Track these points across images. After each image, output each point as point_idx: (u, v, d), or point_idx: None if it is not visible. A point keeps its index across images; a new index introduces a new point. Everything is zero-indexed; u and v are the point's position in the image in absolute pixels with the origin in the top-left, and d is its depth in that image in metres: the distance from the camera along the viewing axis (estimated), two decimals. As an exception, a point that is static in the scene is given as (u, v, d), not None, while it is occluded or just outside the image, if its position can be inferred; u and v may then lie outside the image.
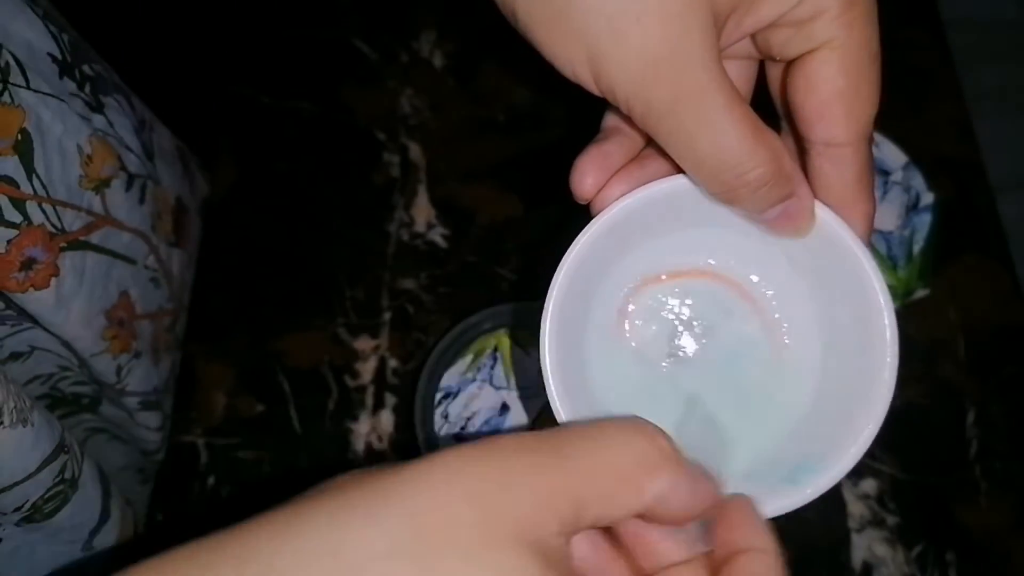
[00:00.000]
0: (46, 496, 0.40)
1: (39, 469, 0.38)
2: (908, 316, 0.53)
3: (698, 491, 0.21)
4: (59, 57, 0.41)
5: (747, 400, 0.30)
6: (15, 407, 0.36)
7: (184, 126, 0.62)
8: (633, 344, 0.31)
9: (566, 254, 0.28)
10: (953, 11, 0.67)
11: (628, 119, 0.25)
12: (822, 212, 0.27)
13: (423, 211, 0.56)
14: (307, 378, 0.52)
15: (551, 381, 0.27)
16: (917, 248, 0.51)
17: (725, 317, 0.31)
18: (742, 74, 0.28)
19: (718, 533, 0.23)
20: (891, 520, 0.49)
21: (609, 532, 0.22)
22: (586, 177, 0.27)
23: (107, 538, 0.46)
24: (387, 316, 0.53)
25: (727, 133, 0.24)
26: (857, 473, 0.50)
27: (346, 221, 0.56)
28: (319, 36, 0.61)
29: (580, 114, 0.30)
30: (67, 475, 0.41)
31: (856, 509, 0.49)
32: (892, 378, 0.28)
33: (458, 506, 0.18)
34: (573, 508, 0.19)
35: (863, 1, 0.24)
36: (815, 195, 0.27)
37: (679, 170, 0.27)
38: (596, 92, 0.25)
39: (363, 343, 0.53)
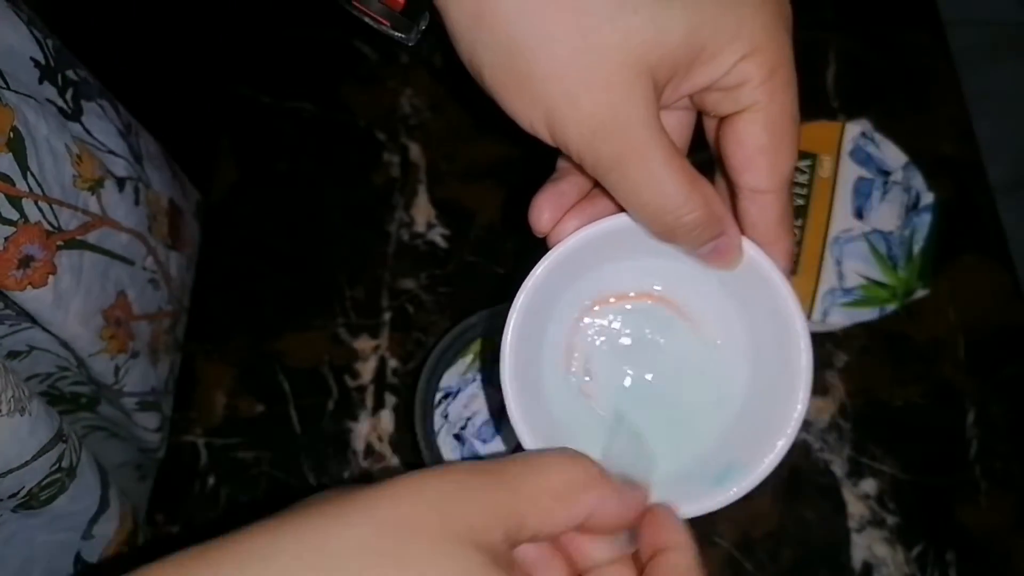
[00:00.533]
0: (42, 483, 0.40)
1: (35, 457, 0.38)
2: (908, 316, 0.53)
3: (624, 504, 0.25)
4: (42, 62, 0.41)
5: (682, 410, 0.33)
6: (13, 396, 0.36)
7: (184, 126, 0.62)
8: (584, 363, 0.34)
9: (525, 281, 0.31)
10: (953, 11, 0.67)
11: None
12: (749, 247, 0.31)
13: (423, 211, 0.56)
14: (307, 378, 0.52)
15: (514, 409, 0.31)
16: (917, 248, 0.51)
17: (666, 335, 0.34)
18: (681, 122, 0.31)
19: (643, 535, 0.26)
20: (891, 520, 0.49)
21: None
22: (543, 213, 0.31)
23: (106, 527, 0.46)
24: (387, 316, 0.53)
25: (665, 183, 0.27)
26: (857, 473, 0.50)
27: (346, 221, 0.56)
28: (319, 36, 0.61)
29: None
30: (64, 464, 0.41)
31: (856, 509, 0.49)
32: (806, 396, 0.30)
33: (421, 512, 0.21)
34: (516, 522, 0.22)
35: (783, 71, 0.28)
36: (743, 232, 0.30)
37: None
38: (552, 144, 0.28)
39: (363, 343, 0.53)
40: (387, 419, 0.51)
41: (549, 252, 0.31)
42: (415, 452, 0.49)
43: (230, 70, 0.61)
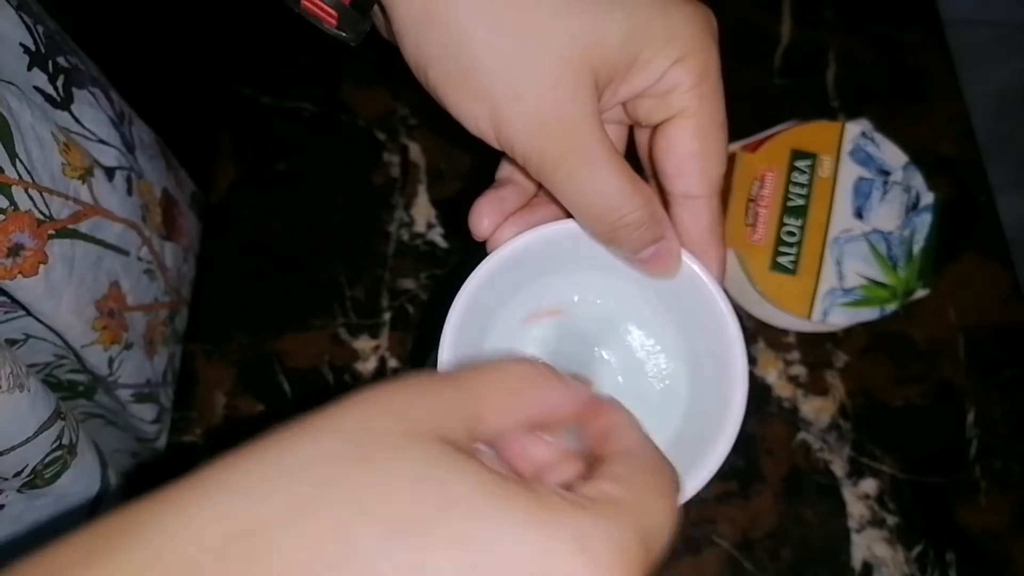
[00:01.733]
0: (46, 461, 0.40)
1: (37, 433, 0.38)
2: (908, 316, 0.53)
3: (573, 393, 0.24)
4: (32, 48, 0.41)
5: None
6: (11, 372, 0.36)
7: (184, 126, 0.62)
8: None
9: (464, 284, 0.31)
10: (953, 11, 0.67)
11: (522, 170, 0.29)
12: (684, 257, 0.31)
13: (423, 211, 0.56)
14: (307, 378, 0.52)
15: None
16: (917, 248, 0.51)
17: (605, 348, 0.35)
18: (615, 137, 0.32)
19: (589, 425, 0.25)
20: (891, 520, 0.49)
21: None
22: (483, 219, 0.32)
23: (111, 507, 0.46)
24: (387, 316, 0.53)
25: (609, 181, 0.28)
26: (857, 473, 0.50)
27: (346, 221, 0.56)
28: (319, 36, 0.61)
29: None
30: (65, 441, 0.41)
31: (856, 509, 0.49)
32: (742, 401, 0.30)
33: (382, 416, 0.21)
34: (473, 418, 0.22)
35: (712, 78, 0.29)
36: None
37: (565, 215, 0.31)
38: (496, 146, 0.29)
39: (363, 343, 0.53)
40: (387, 419, 0.51)
41: (491, 255, 0.32)
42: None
43: (230, 70, 0.61)
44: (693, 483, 0.29)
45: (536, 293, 0.34)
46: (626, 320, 0.35)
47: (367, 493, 0.18)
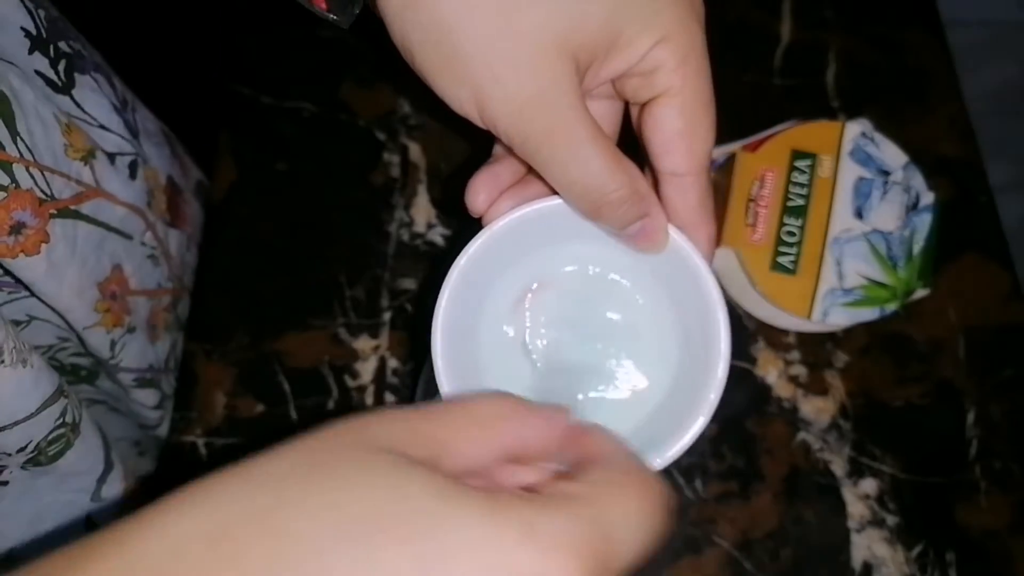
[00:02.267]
0: (49, 438, 0.40)
1: (40, 410, 0.38)
2: (908, 316, 0.53)
3: (548, 422, 0.24)
4: (33, 32, 0.40)
5: (615, 390, 0.35)
6: (14, 347, 0.36)
7: (184, 126, 0.62)
8: (520, 341, 0.36)
9: (459, 256, 0.32)
10: (953, 11, 0.67)
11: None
12: (673, 232, 0.32)
13: (423, 211, 0.56)
14: (307, 378, 0.52)
15: (443, 380, 0.32)
16: (917, 248, 0.51)
17: (601, 318, 0.36)
18: (609, 112, 0.33)
19: (568, 450, 0.25)
20: (891, 520, 0.49)
21: None
22: (479, 194, 0.33)
23: (113, 488, 0.46)
24: (387, 316, 0.53)
25: (591, 160, 0.28)
26: (857, 473, 0.50)
27: (346, 221, 0.56)
28: (319, 36, 0.61)
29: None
30: (68, 419, 0.41)
31: (856, 509, 0.49)
32: (724, 373, 0.31)
33: (342, 437, 0.21)
34: (438, 444, 0.22)
35: (696, 57, 0.29)
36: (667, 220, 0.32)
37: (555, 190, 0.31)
38: (481, 125, 0.30)
39: (363, 343, 0.53)
40: (387, 419, 0.51)
41: (485, 228, 0.33)
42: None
43: (230, 70, 0.61)
44: (674, 450, 0.31)
45: (531, 265, 0.35)
46: (620, 291, 0.36)
47: (325, 497, 0.19)
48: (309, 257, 0.55)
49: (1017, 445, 0.51)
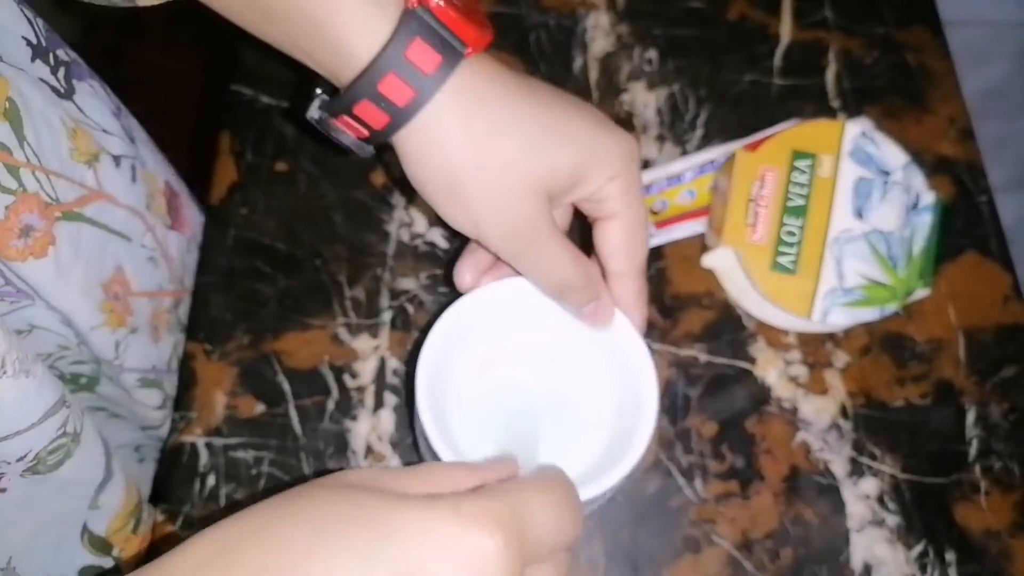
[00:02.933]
0: (49, 448, 0.40)
1: (41, 420, 0.38)
2: (908, 316, 0.53)
3: (479, 474, 0.30)
4: (33, 41, 0.41)
5: (558, 447, 0.42)
6: (17, 358, 0.36)
7: (184, 126, 0.62)
8: (483, 398, 0.43)
9: (439, 319, 0.41)
10: (953, 11, 0.67)
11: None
12: (617, 315, 0.41)
13: (423, 211, 0.56)
14: (307, 378, 0.52)
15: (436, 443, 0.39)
16: (917, 248, 0.51)
17: (550, 387, 0.44)
18: (564, 215, 0.41)
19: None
20: (891, 520, 0.49)
21: None
22: (466, 275, 0.42)
23: (113, 498, 0.46)
24: (387, 316, 0.53)
25: (559, 261, 0.38)
26: (857, 473, 0.50)
27: (346, 221, 0.56)
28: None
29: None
30: (69, 429, 0.41)
31: (856, 509, 0.49)
32: (648, 435, 0.39)
33: (319, 481, 0.28)
34: (388, 485, 0.27)
35: (634, 189, 0.39)
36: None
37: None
38: (474, 239, 0.39)
39: (363, 343, 0.53)
40: (387, 419, 0.51)
41: (455, 302, 0.41)
42: (415, 452, 0.49)
43: (230, 70, 0.61)
44: (619, 470, 0.38)
45: (499, 330, 0.43)
46: (567, 362, 0.44)
47: (306, 512, 0.26)
48: (309, 257, 0.55)
49: (1017, 445, 0.51)
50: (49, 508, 0.43)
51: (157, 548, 0.49)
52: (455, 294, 0.42)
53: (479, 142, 0.35)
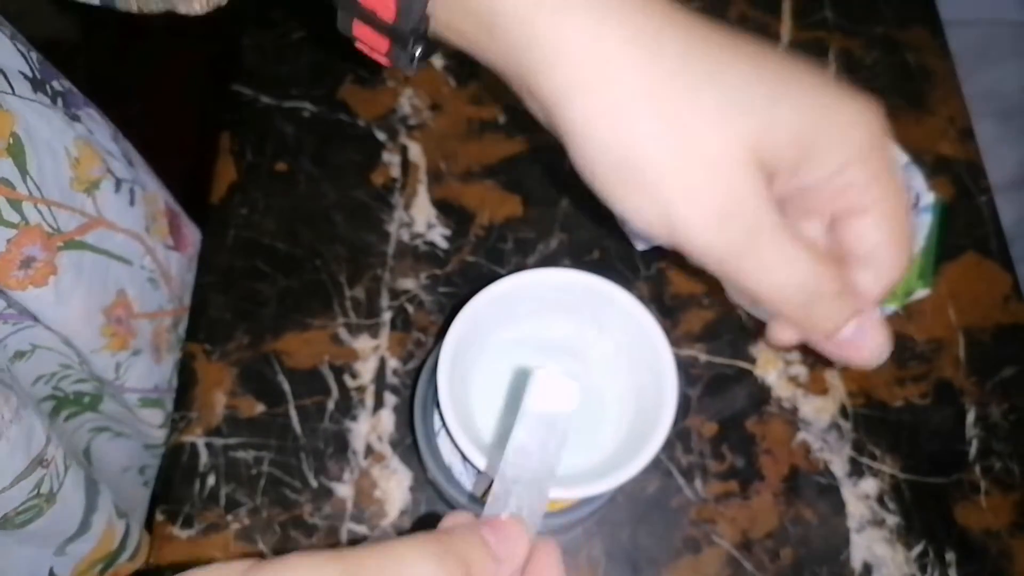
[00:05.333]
0: (19, 509, 0.40)
1: (13, 483, 0.39)
2: (908, 316, 0.53)
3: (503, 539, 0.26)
4: (29, 75, 0.41)
5: (577, 440, 0.39)
6: None
7: (184, 126, 0.62)
8: (504, 390, 0.43)
9: (458, 315, 0.38)
10: (953, 11, 0.67)
11: None
12: (645, 313, 0.39)
13: (423, 211, 0.56)
14: (307, 378, 0.52)
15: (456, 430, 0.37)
16: (917, 248, 0.51)
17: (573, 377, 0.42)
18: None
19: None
20: (891, 520, 0.49)
21: None
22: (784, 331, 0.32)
23: (82, 547, 0.46)
24: (387, 316, 0.53)
25: (799, 258, 0.28)
26: (857, 473, 0.50)
27: (346, 221, 0.56)
28: (319, 36, 0.61)
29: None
30: (43, 489, 0.41)
31: (856, 509, 0.49)
32: (665, 432, 0.37)
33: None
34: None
35: (885, 176, 0.28)
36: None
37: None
38: (666, 243, 0.28)
39: (363, 343, 0.53)
40: (387, 419, 0.51)
41: (479, 293, 0.39)
42: (415, 452, 0.49)
43: (230, 70, 0.61)
44: (631, 468, 0.36)
45: (518, 328, 0.41)
46: (590, 358, 0.43)
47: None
48: (309, 257, 0.55)
49: (1017, 445, 0.51)
50: (11, 552, 0.43)
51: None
52: (455, 294, 0.42)
53: (661, 97, 0.26)
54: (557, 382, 0.30)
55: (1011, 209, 0.66)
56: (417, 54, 0.30)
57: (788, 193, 0.29)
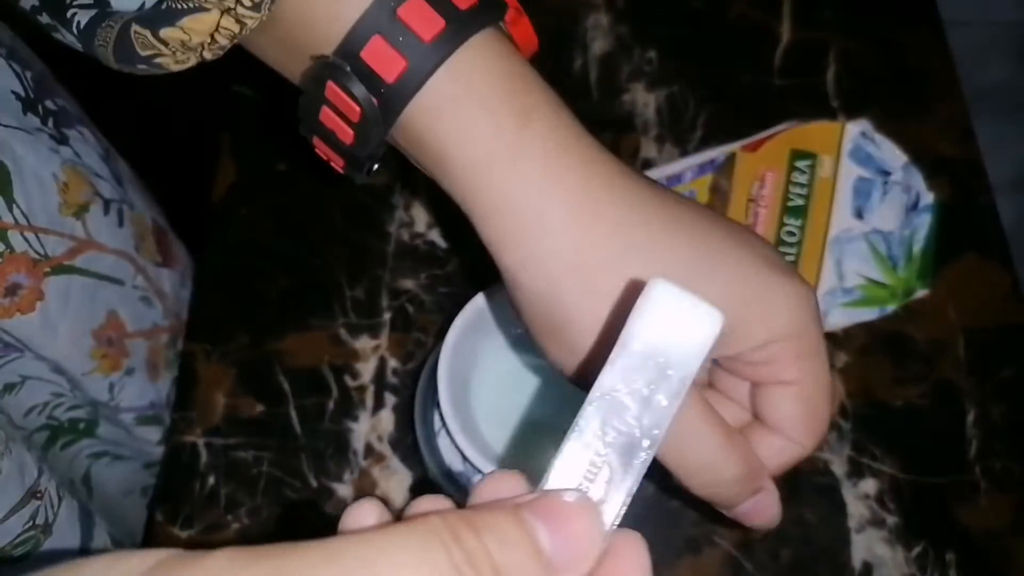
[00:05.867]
0: (16, 542, 0.40)
1: (5, 517, 0.39)
2: (908, 316, 0.53)
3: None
4: (22, 94, 0.42)
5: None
6: None
7: (184, 126, 0.62)
8: (505, 389, 0.43)
9: (457, 316, 0.39)
10: (953, 11, 0.67)
11: None
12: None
13: (423, 211, 0.56)
14: (307, 378, 0.52)
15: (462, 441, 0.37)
16: (917, 248, 0.51)
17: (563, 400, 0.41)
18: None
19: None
20: (891, 520, 0.49)
21: None
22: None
23: None
24: (387, 316, 0.53)
25: (704, 439, 0.28)
26: (857, 473, 0.50)
27: (346, 221, 0.56)
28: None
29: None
30: (39, 521, 0.41)
31: (856, 509, 0.49)
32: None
33: None
34: None
35: (811, 358, 0.29)
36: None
37: None
38: (576, 385, 0.29)
39: (363, 343, 0.53)
40: (387, 419, 0.51)
41: (480, 293, 0.39)
42: (415, 452, 0.49)
43: (230, 70, 0.60)
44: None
45: (515, 329, 0.41)
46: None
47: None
48: (309, 257, 0.55)
49: (1017, 445, 0.51)
50: None
51: None
52: (455, 294, 0.42)
53: (588, 264, 0.27)
54: (684, 303, 0.21)
55: (1011, 209, 0.66)
56: (373, 169, 0.32)
57: (715, 355, 0.29)
